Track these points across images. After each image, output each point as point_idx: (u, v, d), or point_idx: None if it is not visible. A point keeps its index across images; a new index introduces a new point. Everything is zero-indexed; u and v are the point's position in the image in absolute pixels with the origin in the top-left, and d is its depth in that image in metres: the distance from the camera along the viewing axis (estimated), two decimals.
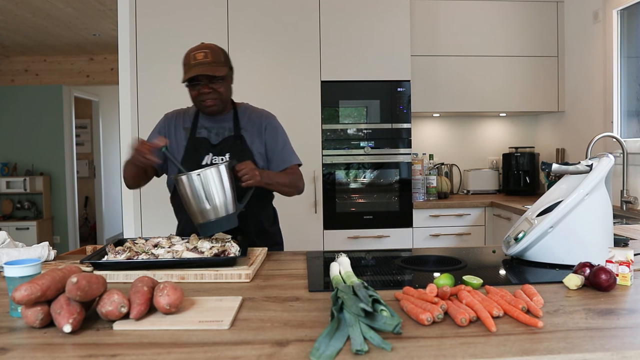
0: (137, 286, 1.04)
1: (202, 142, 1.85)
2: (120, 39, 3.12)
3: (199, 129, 1.88)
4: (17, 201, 6.25)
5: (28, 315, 0.97)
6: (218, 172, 1.57)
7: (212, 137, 1.86)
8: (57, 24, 4.87)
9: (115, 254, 1.44)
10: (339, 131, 3.24)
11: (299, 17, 3.18)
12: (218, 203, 1.57)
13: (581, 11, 3.40)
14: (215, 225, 1.57)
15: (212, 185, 1.56)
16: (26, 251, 1.53)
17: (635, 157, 2.86)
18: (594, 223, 1.44)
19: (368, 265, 1.55)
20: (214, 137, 1.87)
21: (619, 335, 0.91)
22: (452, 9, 3.51)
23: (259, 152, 1.88)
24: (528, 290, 1.11)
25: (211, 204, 1.56)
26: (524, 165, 3.72)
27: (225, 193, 1.58)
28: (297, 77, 3.19)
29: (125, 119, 3.11)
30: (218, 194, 1.57)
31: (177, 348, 0.88)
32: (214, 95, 1.79)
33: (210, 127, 1.88)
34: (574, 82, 3.51)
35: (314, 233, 3.20)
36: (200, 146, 1.84)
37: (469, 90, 3.53)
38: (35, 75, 6.29)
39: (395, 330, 0.91)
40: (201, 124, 1.89)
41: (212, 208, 1.56)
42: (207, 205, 1.56)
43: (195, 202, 1.56)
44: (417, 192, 3.41)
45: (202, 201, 1.56)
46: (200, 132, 1.87)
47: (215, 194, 1.56)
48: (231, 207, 1.60)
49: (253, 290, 1.26)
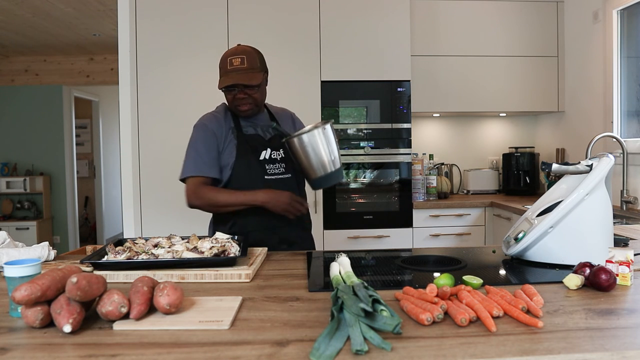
0: (137, 286, 1.04)
1: (256, 139, 1.89)
2: (120, 39, 3.12)
3: (245, 128, 1.90)
4: (17, 201, 6.25)
5: (28, 315, 0.97)
6: (325, 132, 1.73)
7: (260, 134, 1.91)
8: (57, 24, 4.87)
9: (115, 254, 1.44)
10: (339, 131, 3.24)
11: (299, 17, 3.18)
12: (334, 157, 1.75)
13: (581, 11, 3.40)
14: (330, 178, 1.76)
15: (327, 141, 1.73)
16: (26, 251, 1.53)
17: (635, 157, 2.86)
18: (594, 223, 1.44)
19: (368, 265, 1.55)
20: (262, 133, 1.91)
21: (619, 335, 0.91)
22: (452, 9, 3.51)
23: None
24: (528, 290, 1.11)
25: (332, 155, 1.74)
26: (524, 165, 3.72)
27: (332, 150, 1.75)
28: (297, 77, 3.19)
29: (125, 119, 3.11)
30: (333, 149, 1.74)
31: (177, 348, 0.88)
32: (249, 100, 1.83)
33: (255, 124, 1.92)
34: (574, 82, 3.51)
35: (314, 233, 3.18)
36: (255, 142, 1.88)
37: (469, 90, 3.53)
38: (35, 75, 6.29)
39: (395, 330, 0.91)
40: (245, 123, 1.92)
41: (329, 161, 1.74)
42: (329, 157, 1.73)
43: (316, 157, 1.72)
44: (417, 192, 3.41)
45: (322, 155, 1.72)
46: (247, 130, 1.90)
47: (331, 148, 1.74)
48: (338, 162, 1.77)
49: (253, 290, 1.26)
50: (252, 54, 1.83)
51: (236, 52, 1.82)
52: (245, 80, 1.78)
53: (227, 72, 1.80)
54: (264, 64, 1.88)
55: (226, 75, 1.80)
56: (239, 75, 1.78)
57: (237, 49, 1.84)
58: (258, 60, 1.84)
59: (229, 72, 1.79)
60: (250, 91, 1.82)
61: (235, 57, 1.80)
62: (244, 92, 1.81)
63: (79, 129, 7.21)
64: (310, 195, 3.17)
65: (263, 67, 1.87)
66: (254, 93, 1.83)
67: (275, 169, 1.88)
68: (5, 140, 6.21)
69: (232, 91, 1.82)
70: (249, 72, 1.79)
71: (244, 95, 1.82)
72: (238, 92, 1.81)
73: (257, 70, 1.82)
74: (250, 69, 1.80)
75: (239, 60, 1.79)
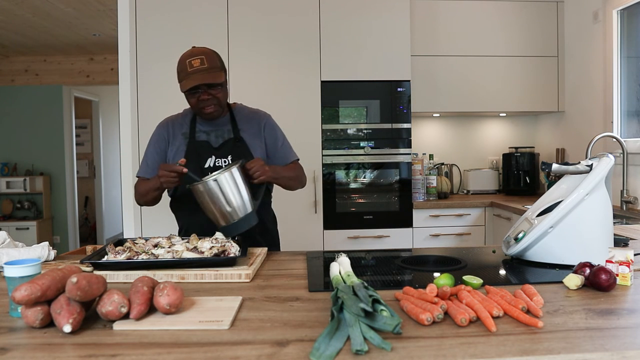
0: (137, 286, 1.04)
1: (203, 146, 1.85)
2: (120, 39, 3.12)
3: (198, 133, 1.88)
4: (17, 201, 6.25)
5: (28, 315, 0.97)
6: (231, 175, 1.59)
7: (212, 140, 1.86)
8: (57, 24, 4.87)
9: (115, 254, 1.44)
10: (339, 131, 3.24)
11: (299, 17, 3.18)
12: (236, 205, 1.60)
13: (581, 11, 3.40)
14: (238, 225, 1.61)
15: (229, 188, 1.59)
16: (26, 251, 1.53)
17: (635, 157, 2.86)
18: (594, 223, 1.44)
19: (368, 265, 1.55)
20: (214, 139, 1.87)
21: (619, 335, 0.91)
22: (452, 9, 3.51)
23: (259, 152, 1.89)
24: (528, 290, 1.11)
25: (231, 207, 1.59)
26: (524, 165, 3.72)
27: (241, 194, 1.61)
28: (297, 77, 3.19)
29: (125, 119, 3.11)
30: (235, 196, 1.60)
31: (177, 348, 0.88)
32: (214, 101, 1.79)
33: (208, 130, 1.88)
34: (574, 82, 3.51)
35: (314, 233, 3.20)
36: (202, 150, 1.84)
37: (469, 90, 3.53)
38: (35, 75, 6.29)
39: (395, 330, 0.91)
40: (199, 128, 1.89)
41: (232, 210, 1.60)
42: (228, 208, 1.59)
43: (215, 207, 1.59)
44: (417, 192, 3.41)
45: (221, 205, 1.59)
46: (199, 136, 1.87)
47: (232, 196, 1.59)
48: (249, 205, 1.63)
49: (253, 290, 1.26)
50: (210, 54, 1.78)
51: (193, 53, 1.77)
52: (209, 79, 1.73)
53: (188, 75, 1.74)
54: (223, 64, 1.84)
55: (188, 78, 1.74)
56: (202, 75, 1.73)
57: (193, 51, 1.79)
58: (218, 60, 1.80)
59: (191, 74, 1.73)
60: (213, 91, 1.77)
61: (194, 58, 1.75)
62: (207, 92, 1.77)
63: (79, 129, 7.21)
64: (310, 195, 3.18)
65: (223, 66, 1.82)
66: (218, 92, 1.79)
67: None
68: (5, 140, 6.21)
69: (195, 93, 1.77)
70: (210, 72, 1.74)
71: (208, 96, 1.77)
72: (202, 94, 1.77)
73: (219, 69, 1.78)
74: (212, 67, 1.75)
75: (198, 61, 1.74)
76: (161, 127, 1.93)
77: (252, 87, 3.14)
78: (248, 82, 3.15)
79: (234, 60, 3.14)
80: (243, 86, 3.13)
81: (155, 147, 1.91)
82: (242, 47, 3.15)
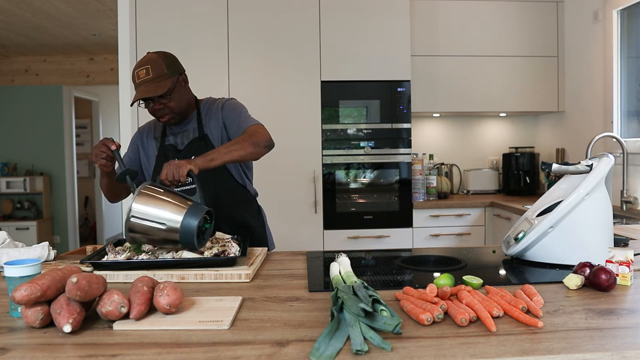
0: (137, 286, 1.04)
1: (170, 149, 1.83)
2: (120, 39, 3.12)
3: (168, 136, 1.86)
4: (17, 201, 6.25)
5: (28, 315, 0.97)
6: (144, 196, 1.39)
7: (178, 143, 1.84)
8: (57, 24, 4.87)
9: (115, 254, 1.44)
10: (339, 131, 3.24)
11: (299, 17, 3.18)
12: (167, 219, 1.38)
13: (581, 11, 3.40)
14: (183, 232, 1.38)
15: (147, 211, 1.38)
16: (26, 251, 1.53)
17: (635, 157, 2.86)
18: (594, 223, 1.44)
19: (368, 265, 1.55)
20: (180, 142, 1.84)
21: (619, 335, 0.91)
22: (452, 9, 3.51)
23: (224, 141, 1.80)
24: (528, 290, 1.11)
25: (165, 225, 1.38)
26: (524, 165, 3.72)
27: (167, 205, 1.40)
28: (297, 77, 3.19)
29: (125, 119, 3.12)
30: (159, 213, 1.38)
31: (177, 348, 0.88)
32: (166, 110, 1.76)
33: (176, 132, 1.86)
34: (574, 82, 3.51)
35: (314, 233, 3.20)
36: (169, 153, 1.82)
37: (469, 90, 3.53)
38: (35, 75, 6.29)
39: (395, 330, 0.91)
40: (169, 130, 1.87)
41: (169, 227, 1.38)
42: (162, 227, 1.38)
43: (157, 237, 1.40)
44: (417, 192, 3.41)
45: (157, 232, 1.39)
46: (168, 139, 1.85)
47: (156, 214, 1.38)
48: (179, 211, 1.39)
49: (253, 290, 1.26)
50: (157, 61, 1.71)
51: (141, 63, 1.72)
52: (152, 92, 1.68)
53: (136, 86, 1.71)
54: (175, 67, 1.76)
55: (136, 89, 1.71)
56: (146, 88, 1.69)
57: (142, 59, 1.74)
58: (165, 66, 1.72)
59: (138, 86, 1.71)
60: (164, 100, 1.73)
61: (140, 69, 1.70)
62: (159, 102, 1.73)
63: (79, 129, 7.21)
64: (310, 195, 3.18)
65: (172, 71, 1.74)
66: (168, 102, 1.73)
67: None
68: (5, 140, 6.21)
69: (147, 103, 1.74)
70: (155, 82, 1.69)
71: (159, 106, 1.74)
72: (154, 104, 1.73)
73: (165, 77, 1.71)
74: (157, 77, 1.70)
75: (144, 72, 1.69)
76: (138, 131, 1.95)
77: (252, 87, 3.14)
78: (248, 82, 3.15)
79: (233, 60, 3.14)
80: (243, 86, 3.14)
81: (130, 148, 1.93)
82: (242, 47, 3.15)
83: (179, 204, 1.41)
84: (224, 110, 1.84)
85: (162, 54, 1.76)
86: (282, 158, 3.04)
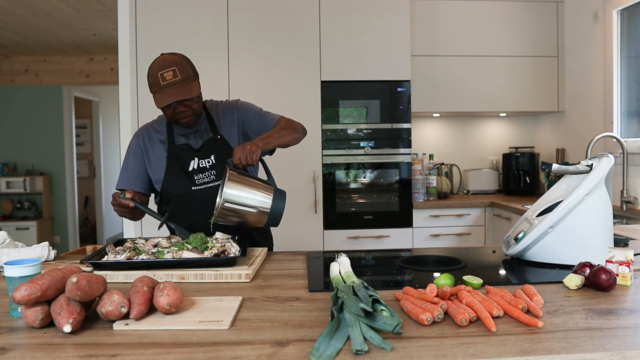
0: (137, 286, 1.04)
1: (184, 149, 1.81)
2: (120, 39, 3.12)
3: (177, 138, 1.84)
4: (17, 201, 6.25)
5: (28, 315, 0.97)
6: (231, 182, 1.55)
7: (192, 142, 1.83)
8: (57, 24, 4.87)
9: (115, 254, 1.44)
10: (339, 131, 3.24)
11: (299, 17, 3.18)
12: (258, 202, 1.58)
13: (581, 11, 3.40)
14: (275, 212, 1.59)
15: (239, 196, 1.56)
16: (26, 251, 1.53)
17: (635, 157, 2.86)
18: (594, 223, 1.44)
19: (368, 265, 1.55)
20: (194, 141, 1.83)
21: (619, 335, 0.91)
22: (452, 9, 3.51)
23: (240, 139, 1.85)
24: (528, 290, 1.11)
25: (255, 208, 1.58)
26: (524, 165, 3.72)
27: (254, 188, 1.59)
28: (297, 77, 3.19)
29: (125, 119, 3.11)
30: (251, 196, 1.57)
31: (177, 348, 0.88)
32: (189, 112, 1.74)
33: (187, 133, 1.84)
34: (574, 82, 3.51)
35: (314, 233, 3.20)
36: (183, 153, 1.80)
37: (469, 90, 3.53)
38: (35, 75, 6.29)
39: (395, 330, 0.91)
40: (176, 132, 1.84)
41: (259, 208, 1.58)
42: (254, 211, 1.58)
43: (246, 218, 1.59)
44: (417, 192, 3.41)
45: (248, 213, 1.58)
46: (178, 140, 1.83)
47: (249, 199, 1.57)
48: (268, 191, 1.60)
49: (253, 290, 1.26)
50: (182, 63, 1.70)
51: (165, 64, 1.68)
52: (185, 94, 1.67)
53: (161, 89, 1.67)
54: (195, 69, 1.76)
55: (161, 92, 1.67)
56: (177, 90, 1.66)
57: (164, 60, 1.70)
58: (190, 68, 1.72)
59: (164, 88, 1.66)
60: (189, 102, 1.71)
61: (166, 70, 1.66)
62: (183, 104, 1.70)
63: (79, 129, 7.21)
64: (310, 195, 3.18)
65: (195, 73, 1.75)
66: (193, 104, 1.72)
67: (204, 178, 1.80)
68: (5, 140, 6.21)
69: (170, 107, 1.70)
70: (184, 84, 1.67)
71: (184, 109, 1.72)
72: (178, 106, 1.70)
73: (192, 78, 1.71)
74: (185, 79, 1.68)
75: (170, 74, 1.66)
76: (137, 137, 1.88)
77: (252, 87, 3.14)
78: (248, 82, 3.15)
79: (233, 60, 3.14)
80: (243, 86, 3.13)
81: (134, 158, 1.85)
82: (242, 47, 3.15)
83: (264, 189, 1.60)
84: (239, 110, 1.90)
85: (182, 56, 1.75)
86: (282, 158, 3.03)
